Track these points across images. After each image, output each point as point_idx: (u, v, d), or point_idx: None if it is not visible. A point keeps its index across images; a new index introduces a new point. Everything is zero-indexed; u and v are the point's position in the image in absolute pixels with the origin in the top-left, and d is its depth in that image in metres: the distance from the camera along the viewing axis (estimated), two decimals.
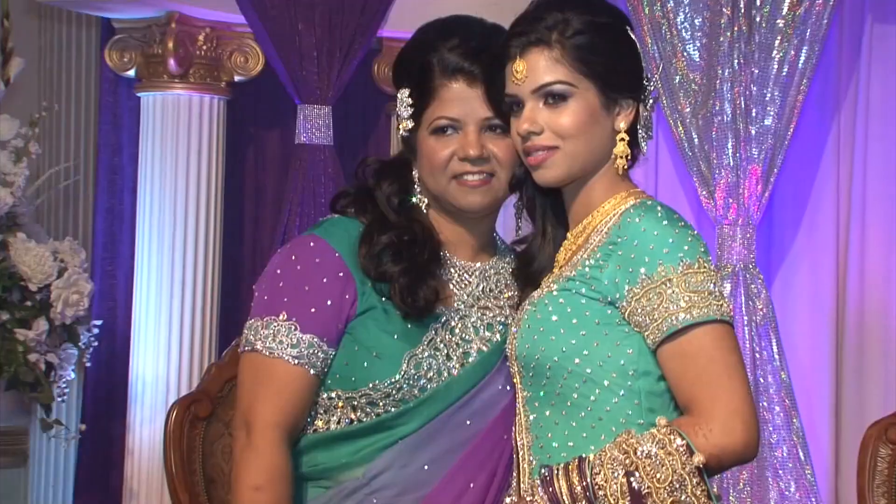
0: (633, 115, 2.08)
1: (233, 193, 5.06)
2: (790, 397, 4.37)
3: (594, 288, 2.01)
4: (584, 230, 2.09)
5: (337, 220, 2.21)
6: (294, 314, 2.11)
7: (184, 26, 4.84)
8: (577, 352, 2.01)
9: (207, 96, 4.87)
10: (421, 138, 2.19)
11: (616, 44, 2.06)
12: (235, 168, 5.09)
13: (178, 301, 4.74)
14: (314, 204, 4.86)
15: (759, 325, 4.39)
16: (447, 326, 2.18)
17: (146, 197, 4.81)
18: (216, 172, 4.86)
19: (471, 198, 2.17)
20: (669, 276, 1.95)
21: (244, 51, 4.99)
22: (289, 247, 2.20)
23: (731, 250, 4.41)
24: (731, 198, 4.40)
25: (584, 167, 2.07)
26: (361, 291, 2.14)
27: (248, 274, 5.03)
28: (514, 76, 2.06)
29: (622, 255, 1.99)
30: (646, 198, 2.09)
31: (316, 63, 4.83)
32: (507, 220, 2.31)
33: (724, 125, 4.41)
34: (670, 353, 1.97)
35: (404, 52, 2.23)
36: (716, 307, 1.95)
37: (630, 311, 1.98)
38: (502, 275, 2.27)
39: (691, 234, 2.00)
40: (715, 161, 4.41)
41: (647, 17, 4.49)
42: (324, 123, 4.88)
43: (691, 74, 4.46)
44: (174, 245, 4.76)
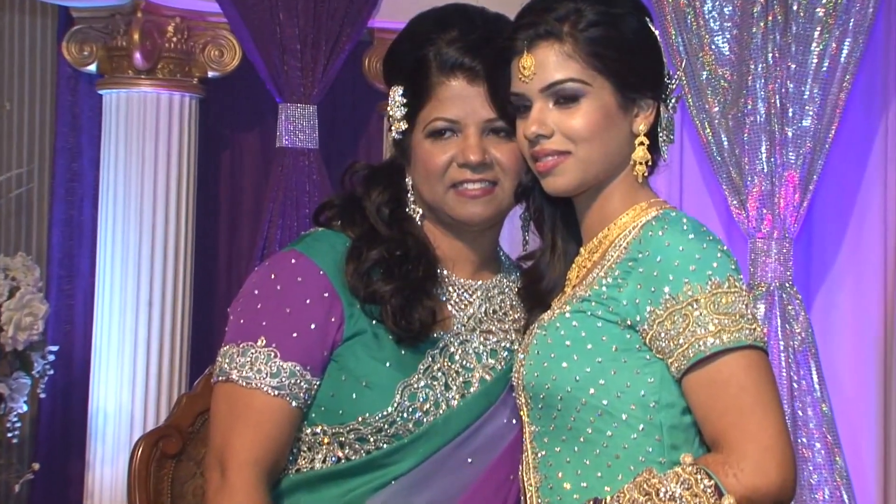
0: (654, 117, 2.09)
1: (206, 204, 5.07)
2: (832, 433, 4.36)
3: (612, 309, 2.02)
4: (600, 245, 2.10)
5: (321, 234, 2.22)
6: (273, 340, 2.12)
7: (151, 16, 4.86)
8: (593, 381, 2.02)
9: (177, 94, 4.88)
10: (415, 142, 2.19)
11: (634, 37, 2.07)
12: (209, 175, 5.10)
13: (143, 324, 4.74)
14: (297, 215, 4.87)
15: (796, 351, 4.39)
16: (445, 353, 2.19)
17: (108, 207, 4.82)
18: (187, 180, 4.87)
19: (471, 209, 2.17)
20: (696, 296, 1.96)
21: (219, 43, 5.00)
22: (267, 264, 2.20)
23: (766, 267, 4.41)
24: (765, 208, 4.41)
25: (599, 174, 2.08)
26: (349, 314, 2.14)
27: (222, 294, 5.04)
28: (520, 73, 2.07)
29: (643, 272, 2.00)
30: (669, 208, 2.10)
31: (299, 57, 4.85)
32: (512, 234, 2.31)
33: (757, 126, 4.41)
34: (697, 382, 1.97)
35: (397, 45, 2.24)
36: (748, 331, 1.96)
37: (652, 335, 1.99)
38: (507, 295, 2.27)
39: (720, 249, 2.01)
40: (747, 167, 4.42)
41: (670, 5, 4.51)
42: (308, 125, 4.89)
43: (720, 70, 4.47)
44: (140, 261, 4.77)
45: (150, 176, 4.82)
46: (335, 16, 4.88)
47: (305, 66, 4.87)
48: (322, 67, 4.89)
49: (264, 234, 4.88)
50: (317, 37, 4.87)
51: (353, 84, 5.16)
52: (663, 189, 4.38)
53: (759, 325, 1.99)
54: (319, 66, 4.89)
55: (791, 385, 4.38)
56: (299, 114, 4.89)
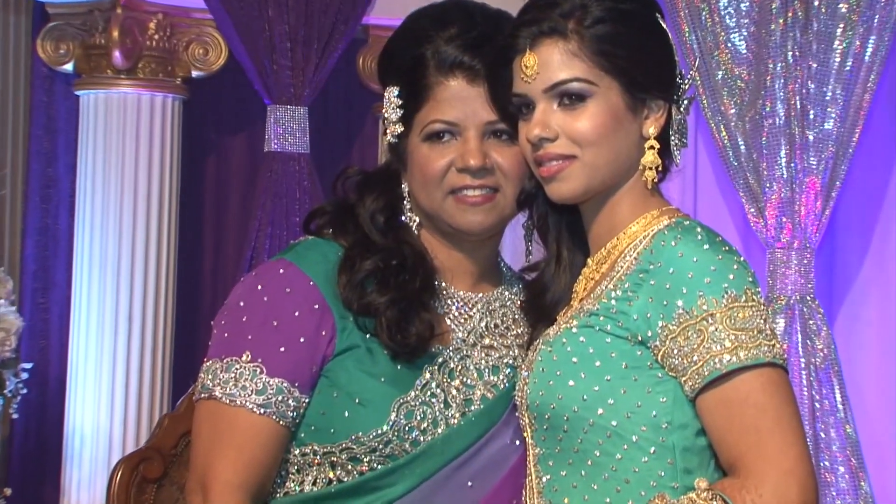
0: (665, 119, 2.09)
1: (190, 211, 5.07)
2: (857, 456, 4.36)
3: (621, 324, 2.02)
4: (609, 255, 2.10)
5: (312, 243, 2.22)
6: (260, 354, 2.12)
7: (131, 12, 4.88)
8: (601, 401, 2.02)
9: (160, 95, 4.90)
10: (412, 145, 2.20)
11: (644, 34, 2.08)
12: (193, 181, 5.11)
13: (123, 339, 4.75)
14: (286, 224, 4.88)
15: (819, 368, 4.39)
16: (444, 368, 2.19)
17: (86, 215, 4.83)
18: (170, 186, 4.88)
19: (471, 216, 2.18)
20: (712, 310, 1.96)
21: (203, 41, 5.02)
22: (254, 274, 2.21)
23: (786, 279, 4.42)
24: (784, 216, 4.41)
25: (607, 180, 2.08)
26: (341, 327, 2.14)
27: (207, 307, 5.04)
28: (523, 72, 2.07)
29: (655, 285, 2.00)
30: (681, 217, 2.10)
31: (289, 56, 4.86)
32: (515, 244, 2.31)
33: (776, 129, 4.42)
34: (712, 402, 1.97)
35: (392, 42, 2.25)
36: (767, 347, 1.96)
37: (664, 351, 1.99)
38: (509, 308, 2.28)
39: (737, 260, 2.01)
40: (765, 173, 4.43)
41: (683, 0, 4.52)
42: (298, 127, 4.90)
43: (737, 69, 4.48)
44: (119, 273, 4.78)
45: (130, 182, 4.83)
46: (328, 12, 4.89)
47: (296, 66, 4.88)
48: (313, 67, 4.91)
49: (252, 243, 4.89)
50: (308, 34, 4.89)
51: (346, 84, 5.17)
52: (676, 196, 4.39)
53: (778, 342, 1.99)
54: (311, 65, 4.90)
55: (813, 405, 4.38)
56: (289, 116, 4.90)
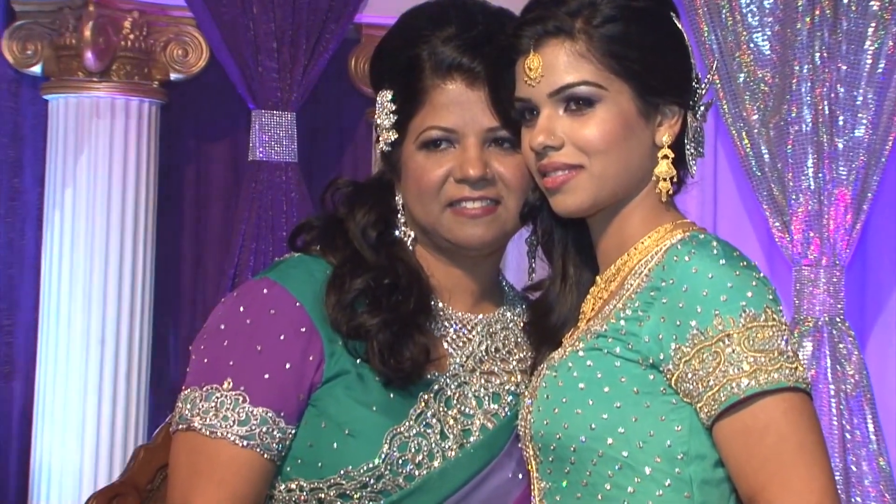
0: (679, 126, 2.10)
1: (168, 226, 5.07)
2: (891, 491, 4.36)
3: (631, 346, 2.03)
4: (618, 273, 2.11)
5: (298, 261, 2.23)
6: (242, 382, 2.12)
7: (105, 9, 4.88)
8: (611, 429, 2.03)
9: (135, 99, 4.90)
10: (407, 154, 2.21)
11: (657, 34, 2.09)
12: (171, 192, 5.11)
13: (94, 365, 4.74)
14: (273, 238, 4.88)
15: (849, 395, 4.39)
16: (441, 396, 2.20)
17: (54, 230, 4.83)
18: (146, 198, 4.87)
19: (470, 230, 2.18)
20: (728, 330, 1.97)
21: (183, 41, 5.02)
22: (235, 295, 2.22)
23: (813, 299, 4.42)
24: (811, 231, 4.42)
25: (617, 192, 2.09)
26: (329, 351, 2.15)
27: (186, 329, 5.04)
28: (526, 75, 2.09)
29: (667, 303, 2.01)
30: (697, 230, 2.11)
31: (275, 57, 4.86)
32: (518, 260, 2.32)
33: (802, 137, 4.42)
34: (730, 430, 1.98)
35: (386, 43, 2.26)
36: (788, 371, 1.97)
37: (678, 375, 2.00)
38: (511, 330, 2.29)
39: (756, 276, 2.02)
40: (791, 183, 4.43)
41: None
42: (286, 134, 4.90)
43: (760, 72, 4.49)
44: (90, 292, 4.77)
45: (102, 194, 4.82)
46: (317, 9, 4.89)
47: (283, 68, 4.88)
48: (302, 69, 4.91)
49: (235, 260, 4.88)
50: (296, 33, 4.89)
51: (337, 88, 5.17)
52: (694, 209, 4.39)
53: (800, 364, 1.99)
54: (299, 67, 4.90)
55: (843, 435, 4.37)
56: (276, 122, 4.90)
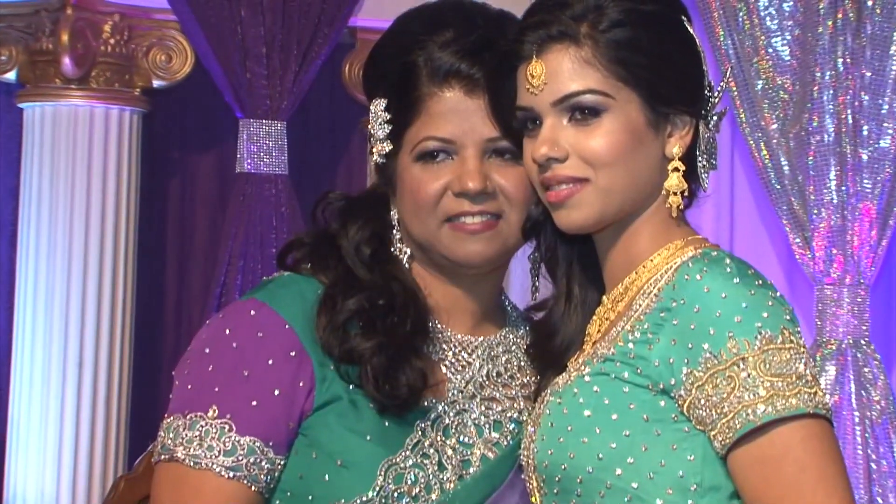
0: (691, 137, 2.11)
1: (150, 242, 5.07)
2: None
3: (640, 371, 2.03)
4: (626, 292, 2.12)
5: (288, 280, 2.23)
6: (228, 409, 2.12)
7: (84, 12, 4.89)
8: (619, 459, 2.03)
9: (115, 108, 4.90)
10: (402, 166, 2.22)
11: (668, 39, 2.09)
12: (154, 207, 5.12)
13: (72, 390, 4.74)
14: (262, 256, 4.88)
15: (875, 423, 4.39)
16: (439, 424, 2.20)
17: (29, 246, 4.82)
18: (127, 213, 4.87)
19: (470, 247, 2.19)
20: (743, 353, 1.97)
21: (166, 46, 5.03)
22: (221, 317, 2.22)
23: (836, 320, 4.42)
24: (834, 247, 4.42)
25: (624, 206, 2.09)
26: (321, 377, 2.15)
27: (169, 352, 5.03)
28: (528, 82, 2.09)
29: (678, 325, 2.01)
30: (709, 247, 2.11)
31: (265, 63, 4.87)
32: (521, 279, 2.32)
33: (824, 148, 4.43)
34: (746, 459, 1.98)
35: (380, 48, 2.27)
36: (807, 396, 1.97)
37: (690, 402, 2.00)
38: (514, 354, 2.29)
39: (772, 295, 2.02)
40: (812, 197, 4.43)
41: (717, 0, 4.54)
42: (275, 145, 4.91)
43: (779, 78, 4.50)
44: (68, 313, 4.77)
45: (80, 208, 4.82)
46: (309, 13, 4.89)
47: (272, 74, 4.89)
48: (293, 75, 4.91)
49: (221, 279, 4.88)
50: (286, 38, 4.89)
51: (330, 96, 5.17)
52: (710, 225, 4.39)
53: (820, 389, 1.99)
54: (289, 73, 4.90)
55: (868, 466, 4.37)
56: (265, 132, 4.90)
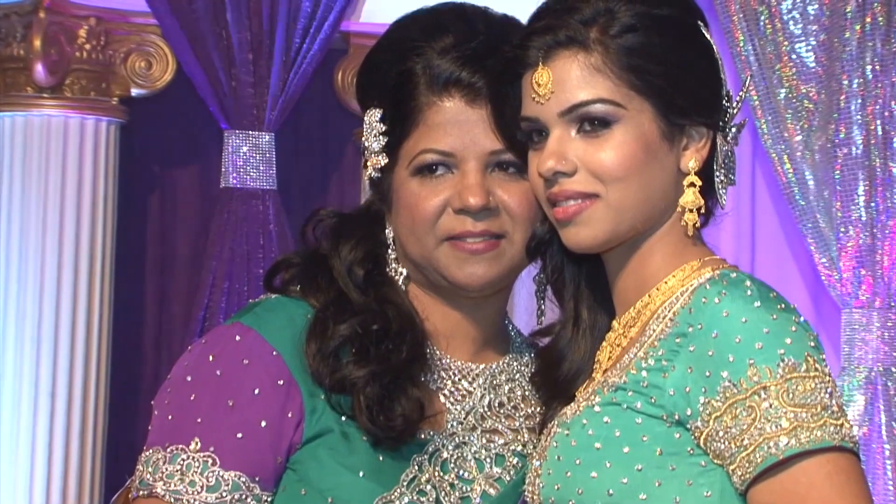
0: (708, 150, 2.11)
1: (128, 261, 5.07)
2: None
3: (654, 401, 2.03)
4: (639, 317, 2.12)
5: (276, 303, 2.24)
6: (211, 442, 2.13)
7: (57, 16, 4.89)
8: (631, 495, 2.03)
9: (91, 118, 4.91)
10: (399, 181, 2.22)
11: (683, 46, 2.10)
12: (132, 223, 5.11)
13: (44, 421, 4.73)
14: (248, 276, 4.88)
15: None
16: (437, 459, 2.20)
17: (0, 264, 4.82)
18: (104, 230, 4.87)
19: (470, 268, 2.19)
20: (765, 382, 1.97)
21: (146, 51, 5.03)
22: (204, 342, 2.22)
23: (865, 346, 4.41)
24: (863, 268, 4.41)
25: (636, 224, 2.10)
26: (310, 407, 2.15)
27: (148, 380, 5.03)
28: (534, 91, 2.10)
29: (695, 351, 2.01)
30: (728, 268, 2.11)
31: (251, 70, 4.87)
32: (526, 302, 2.32)
33: (851, 161, 4.43)
34: (768, 495, 1.97)
35: (374, 55, 2.27)
36: (833, 428, 1.97)
37: (708, 433, 2.00)
38: (518, 382, 2.29)
39: (795, 320, 2.02)
40: (839, 214, 4.43)
41: (737, 2, 4.55)
42: (262, 158, 4.91)
43: (803, 87, 4.50)
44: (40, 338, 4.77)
45: (54, 225, 4.82)
46: (298, 16, 4.90)
47: (259, 82, 4.89)
48: (281, 83, 4.91)
49: (205, 302, 4.88)
50: (274, 43, 4.90)
51: (322, 105, 5.18)
52: (729, 244, 4.39)
53: (847, 421, 1.99)
54: (278, 81, 4.91)
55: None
56: (251, 144, 4.91)
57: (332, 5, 4.89)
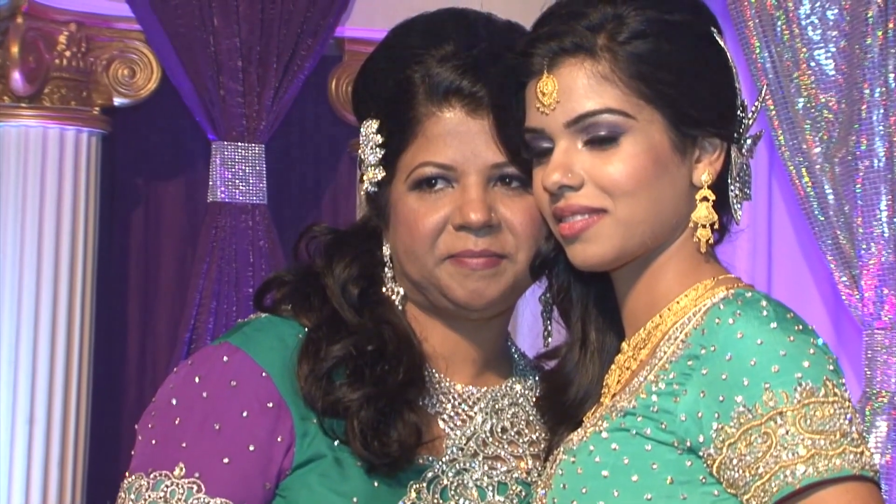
0: (722, 163, 2.12)
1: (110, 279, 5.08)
2: None
3: (665, 426, 2.03)
4: (649, 338, 2.13)
5: (266, 323, 2.25)
6: (197, 467, 2.13)
7: (36, 20, 4.90)
8: None
9: (72, 129, 4.91)
10: (396, 195, 2.23)
11: (695, 53, 2.10)
12: (115, 239, 5.12)
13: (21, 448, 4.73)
14: (237, 295, 4.89)
15: None
16: (435, 486, 2.21)
17: None
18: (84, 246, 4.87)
19: (472, 286, 2.19)
20: (781, 407, 1.97)
21: (129, 58, 5.04)
22: (190, 363, 2.23)
23: (888, 369, 4.41)
24: (885, 287, 4.42)
25: (646, 241, 2.10)
26: (302, 431, 2.16)
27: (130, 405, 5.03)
28: (539, 101, 2.10)
29: (708, 375, 2.01)
30: (743, 287, 2.11)
31: (240, 78, 4.88)
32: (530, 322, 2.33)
33: (873, 174, 4.43)
34: None
35: (371, 63, 2.28)
36: (853, 456, 1.97)
37: (721, 461, 2.00)
38: (521, 407, 2.30)
39: (814, 342, 2.02)
40: (861, 230, 4.43)
41: (753, 7, 4.55)
42: (252, 171, 4.91)
43: (823, 96, 4.51)
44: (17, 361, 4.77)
45: (32, 241, 4.83)
46: (290, 21, 4.90)
47: (249, 91, 4.90)
48: (272, 92, 4.92)
49: (191, 322, 4.88)
50: (265, 50, 4.91)
51: (314, 115, 5.19)
52: (744, 262, 4.40)
53: (867, 449, 1.99)
54: (268, 89, 4.92)
55: None
56: (240, 156, 4.91)
57: (327, 9, 4.90)
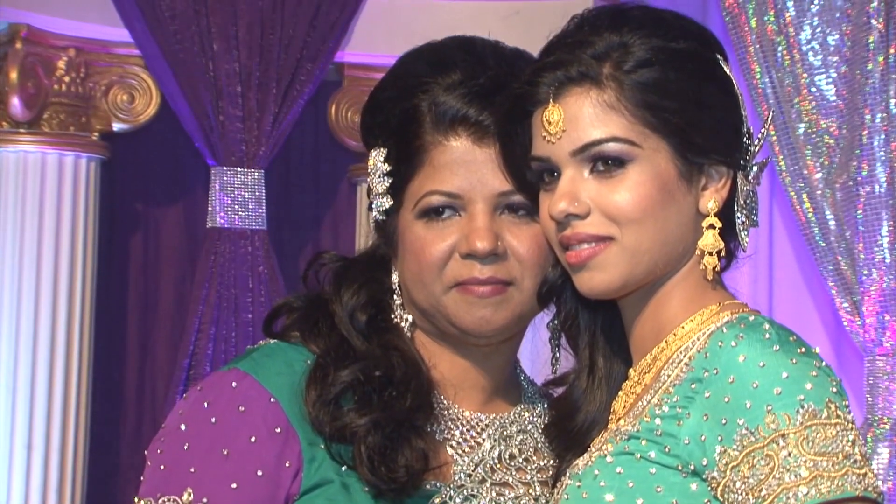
0: (728, 190, 2.14)
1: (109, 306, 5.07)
2: None
3: (669, 450, 2.05)
4: (654, 363, 2.15)
5: (274, 349, 2.27)
6: (205, 492, 2.16)
7: (35, 46, 4.91)
8: None
9: (70, 154, 4.91)
10: (404, 224, 2.25)
11: (701, 81, 2.13)
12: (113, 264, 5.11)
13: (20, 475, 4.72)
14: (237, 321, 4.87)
15: None
16: None
17: None
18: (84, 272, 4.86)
19: (479, 314, 2.21)
20: (783, 429, 1.99)
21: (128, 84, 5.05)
22: (200, 389, 2.24)
23: (890, 395, 4.40)
24: (887, 313, 4.41)
25: (653, 268, 2.13)
26: (309, 456, 2.18)
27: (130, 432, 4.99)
28: (545, 129, 2.13)
29: (711, 398, 2.03)
30: (747, 311, 2.14)
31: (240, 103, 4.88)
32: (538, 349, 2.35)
33: (875, 200, 4.42)
34: None
35: (379, 92, 2.30)
36: (856, 478, 1.98)
37: (725, 484, 2.02)
38: (530, 433, 2.32)
39: (817, 365, 2.04)
40: (862, 255, 4.42)
41: (753, 32, 4.56)
42: (252, 196, 4.91)
43: (824, 122, 4.51)
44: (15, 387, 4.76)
45: (30, 268, 4.82)
46: (290, 46, 4.90)
47: (249, 116, 4.90)
48: (272, 117, 4.92)
49: (190, 348, 4.87)
50: (264, 75, 4.91)
51: (314, 140, 5.18)
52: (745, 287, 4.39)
53: (871, 471, 2.01)
54: (268, 115, 4.91)
55: None
56: (240, 181, 4.91)
57: (326, 35, 4.88)
